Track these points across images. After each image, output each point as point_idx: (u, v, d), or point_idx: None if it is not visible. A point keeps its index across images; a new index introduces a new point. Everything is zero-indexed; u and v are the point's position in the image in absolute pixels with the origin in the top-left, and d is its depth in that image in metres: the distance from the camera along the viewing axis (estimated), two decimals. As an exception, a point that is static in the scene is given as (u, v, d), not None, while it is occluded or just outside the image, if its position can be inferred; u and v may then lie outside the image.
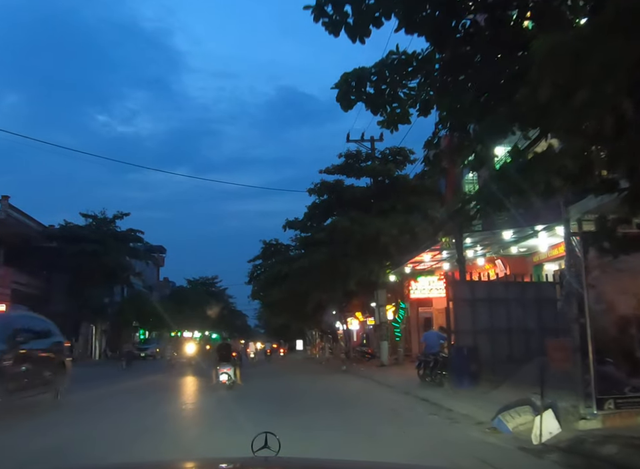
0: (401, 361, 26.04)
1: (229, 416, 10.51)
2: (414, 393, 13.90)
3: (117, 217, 41.05)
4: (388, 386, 16.42)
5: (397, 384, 16.60)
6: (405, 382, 16.98)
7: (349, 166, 26.49)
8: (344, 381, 19.55)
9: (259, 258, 36.22)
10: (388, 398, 13.67)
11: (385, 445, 7.34)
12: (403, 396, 13.93)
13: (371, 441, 7.53)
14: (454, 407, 10.82)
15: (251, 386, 17.37)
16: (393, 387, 15.99)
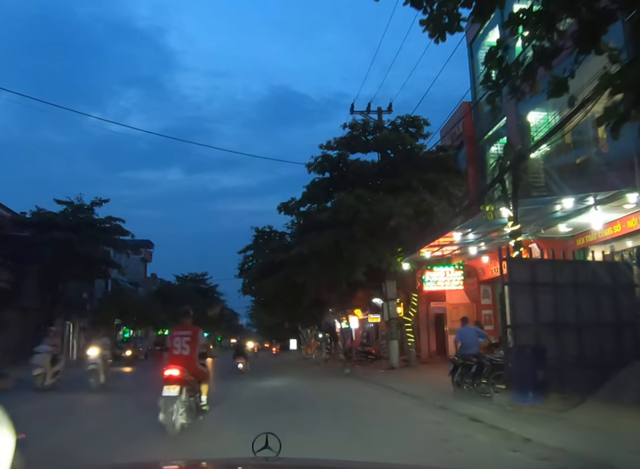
0: (413, 363, 22.60)
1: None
2: (454, 408, 10.46)
3: (95, 204, 37.27)
4: (413, 397, 12.95)
5: (424, 393, 13.15)
6: (431, 391, 13.56)
7: (354, 139, 23.00)
8: (353, 389, 16.07)
9: (250, 248, 32.65)
10: (423, 416, 10.18)
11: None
12: (441, 412, 10.46)
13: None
14: (532, 435, 7.37)
15: (242, 394, 13.91)
16: (421, 398, 12.51)
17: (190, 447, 7.16)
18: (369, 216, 19.51)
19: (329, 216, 20.25)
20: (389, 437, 7.93)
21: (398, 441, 7.54)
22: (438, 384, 15.63)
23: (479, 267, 23.95)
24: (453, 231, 15.00)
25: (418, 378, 18.14)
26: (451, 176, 21.36)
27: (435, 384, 15.67)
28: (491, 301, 24.35)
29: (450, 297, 26.85)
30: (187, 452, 6.72)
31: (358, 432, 8.27)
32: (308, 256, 21.03)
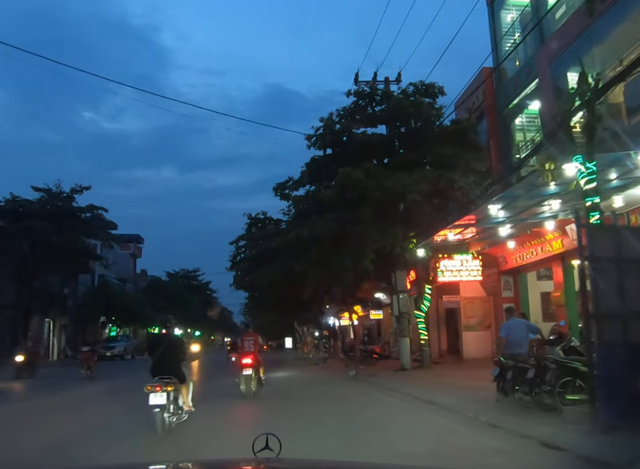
0: (427, 364, 19.88)
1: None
2: (512, 427, 7.74)
3: (75, 191, 34.41)
4: (446, 409, 10.22)
5: (458, 404, 10.44)
6: (466, 400, 10.88)
7: (360, 111, 20.25)
8: (365, 397, 13.26)
9: (243, 238, 29.86)
10: (475, 440, 7.45)
11: None
12: (495, 433, 7.72)
13: None
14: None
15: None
16: (458, 412, 9.77)
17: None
18: (379, 194, 16.78)
19: (333, 195, 17.51)
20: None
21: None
22: (467, 390, 13.00)
23: (500, 255, 21.27)
24: (488, 204, 12.24)
25: (438, 382, 15.43)
26: (471, 150, 18.64)
27: (464, 390, 13.01)
28: (512, 293, 21.67)
29: (464, 290, 24.20)
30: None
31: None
32: (308, 241, 18.29)
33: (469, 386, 13.70)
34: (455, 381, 15.25)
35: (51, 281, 37.96)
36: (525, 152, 18.11)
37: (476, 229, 16.87)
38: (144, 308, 50.19)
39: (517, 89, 18.58)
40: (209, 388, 12.53)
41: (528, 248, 18.96)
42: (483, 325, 24.23)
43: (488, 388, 12.80)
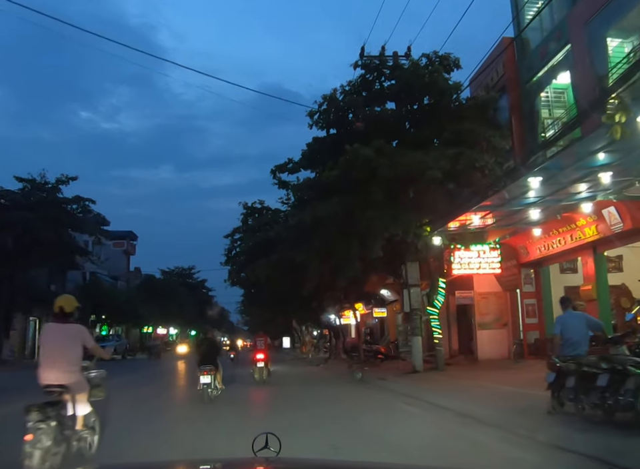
0: (441, 366, 17.95)
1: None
2: (590, 451, 5.80)
3: (60, 182, 32.33)
4: (485, 424, 8.26)
5: (500, 417, 8.49)
6: (507, 411, 8.93)
7: (368, 85, 18.28)
8: (380, 407, 11.17)
9: (238, 230, 27.89)
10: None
11: None
12: (573, 459, 5.79)
13: None
14: None
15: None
16: (503, 428, 7.80)
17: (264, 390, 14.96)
18: (392, 174, 14.84)
19: (339, 176, 15.54)
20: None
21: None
22: (500, 396, 11.09)
23: (521, 245, 19.32)
24: (527, 177, 10.27)
25: (459, 386, 13.50)
26: (491, 127, 16.71)
27: (496, 396, 11.10)
28: (534, 288, 19.72)
29: (478, 284, 22.25)
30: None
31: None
32: (310, 228, 16.35)
33: (500, 392, 11.79)
34: (479, 385, 13.35)
35: (37, 277, 35.94)
36: (552, 130, 16.22)
37: (498, 214, 14.92)
38: (136, 306, 48.14)
39: (543, 59, 16.65)
40: (226, 377, 13.48)
41: (554, 237, 17.03)
42: (498, 323, 22.30)
43: (524, 395, 10.93)
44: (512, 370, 17.23)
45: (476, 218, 13.56)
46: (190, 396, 12.58)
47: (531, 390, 11.66)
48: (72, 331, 6.05)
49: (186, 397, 13.38)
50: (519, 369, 17.36)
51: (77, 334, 6.06)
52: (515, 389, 12.20)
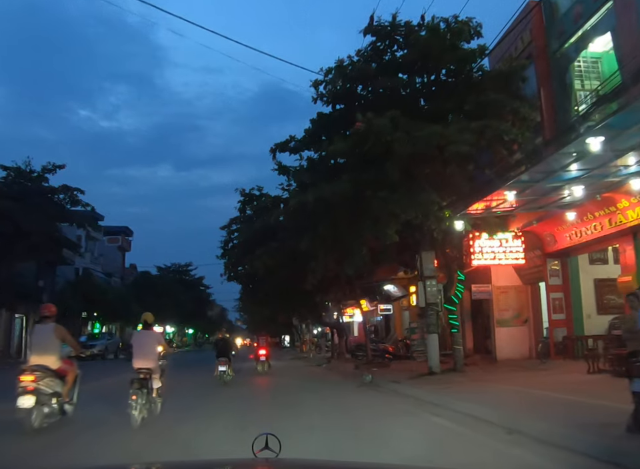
0: (460, 366, 16.08)
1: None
2: None
3: (47, 170, 30.46)
4: (548, 444, 6.38)
5: (564, 435, 6.59)
6: (568, 426, 7.03)
7: (379, 55, 16.36)
8: (404, 419, 9.16)
9: (235, 221, 25.97)
10: None
11: None
12: None
13: None
14: None
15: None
16: (576, 452, 5.93)
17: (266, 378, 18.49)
18: (410, 148, 12.94)
19: (348, 151, 13.63)
20: None
21: None
22: (545, 404, 9.19)
23: (547, 233, 17.48)
24: (586, 137, 8.39)
25: (489, 391, 11.62)
26: (518, 98, 14.82)
27: (541, 405, 9.20)
28: (561, 281, 17.87)
29: (497, 278, 20.44)
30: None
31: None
32: (315, 212, 14.45)
33: (541, 399, 9.91)
34: (512, 390, 11.49)
35: (24, 272, 34.05)
36: (587, 102, 14.35)
37: (529, 194, 13.01)
38: (129, 303, 46.22)
39: (578, 22, 14.76)
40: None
41: (589, 222, 15.18)
42: (518, 319, 20.48)
43: (574, 404, 9.06)
44: (540, 372, 15.39)
45: (510, 194, 11.62)
46: (210, 380, 16.03)
47: (577, 396, 9.83)
48: (153, 335, 9.43)
49: (207, 381, 16.24)
50: (548, 370, 15.54)
51: (155, 337, 9.33)
52: (556, 395, 10.34)
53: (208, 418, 9.19)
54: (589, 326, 17.09)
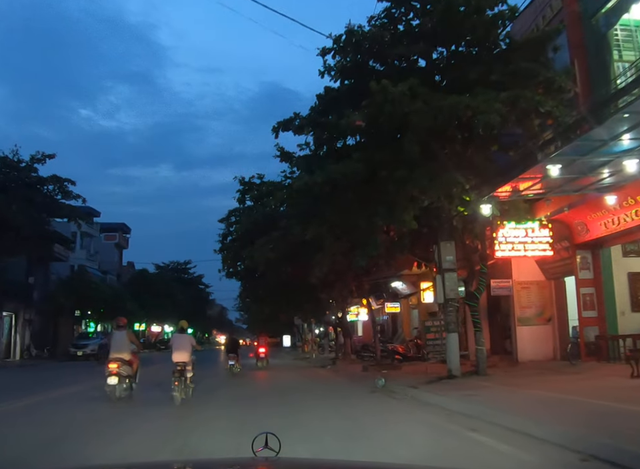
0: (483, 370, 14.44)
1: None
2: None
3: (36, 160, 28.80)
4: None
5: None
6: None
7: (393, 24, 14.68)
8: (439, 437, 7.38)
9: (234, 213, 24.33)
10: None
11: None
12: None
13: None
14: None
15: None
16: None
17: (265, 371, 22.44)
18: (431, 121, 11.30)
19: (361, 121, 11.96)
20: None
21: None
22: (598, 417, 7.54)
23: (578, 222, 15.82)
24: None
25: (526, 399, 9.98)
26: (551, 68, 13.17)
27: (594, 417, 7.55)
28: (592, 275, 16.22)
29: (518, 272, 18.80)
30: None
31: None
32: (323, 196, 12.81)
33: (593, 409, 8.25)
34: (553, 398, 9.84)
35: (13, 268, 32.43)
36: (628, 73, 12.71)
37: (567, 174, 11.36)
38: (125, 301, 44.59)
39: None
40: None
41: (629, 208, 13.52)
42: (541, 318, 18.82)
43: (636, 416, 7.43)
44: (573, 376, 13.74)
45: (554, 169, 9.93)
46: (222, 372, 20.34)
47: (636, 405, 8.23)
48: (187, 337, 12.63)
49: (219, 372, 20.83)
50: (581, 373, 13.89)
51: (189, 339, 12.50)
52: (608, 404, 8.69)
53: (228, 399, 12.66)
54: (623, 324, 15.46)
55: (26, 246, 28.57)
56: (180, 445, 6.86)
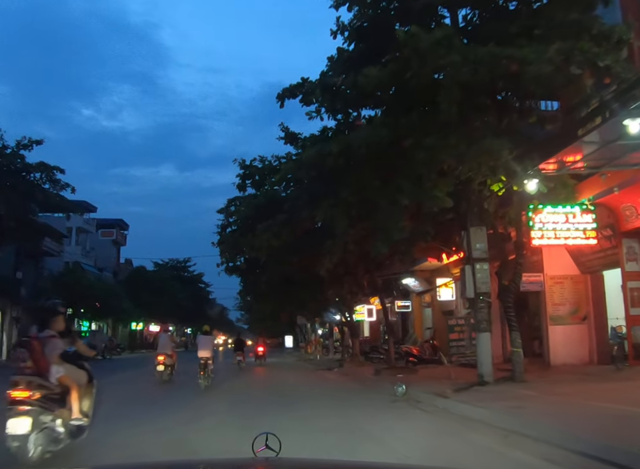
0: (520, 375, 12.46)
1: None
2: None
3: (22, 146, 26.83)
4: None
5: None
6: None
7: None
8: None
9: (233, 202, 22.33)
10: None
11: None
12: None
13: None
14: None
15: None
16: None
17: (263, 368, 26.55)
18: (469, 75, 9.34)
19: (384, 78, 9.98)
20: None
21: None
22: None
23: (626, 205, 13.83)
24: None
25: (591, 413, 7.99)
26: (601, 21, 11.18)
27: None
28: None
29: (549, 265, 16.83)
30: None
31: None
32: (337, 170, 10.83)
33: None
34: (629, 412, 7.85)
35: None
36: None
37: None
38: (120, 299, 42.63)
39: None
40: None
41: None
42: (575, 316, 16.83)
43: None
44: (625, 382, 11.80)
45: (634, 124, 7.91)
46: (230, 367, 22.81)
47: None
48: (210, 338, 16.20)
49: (228, 367, 22.76)
50: (633, 379, 11.98)
51: (211, 339, 16.28)
52: None
53: (242, 387, 16.03)
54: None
55: (12, 239, 26.58)
56: (208, 412, 10.14)
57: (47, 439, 5.61)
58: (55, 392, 5.84)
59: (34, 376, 5.71)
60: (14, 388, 5.57)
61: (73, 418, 5.96)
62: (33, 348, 5.90)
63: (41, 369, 5.84)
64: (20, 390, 5.54)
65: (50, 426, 5.71)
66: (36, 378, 5.71)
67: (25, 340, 6.31)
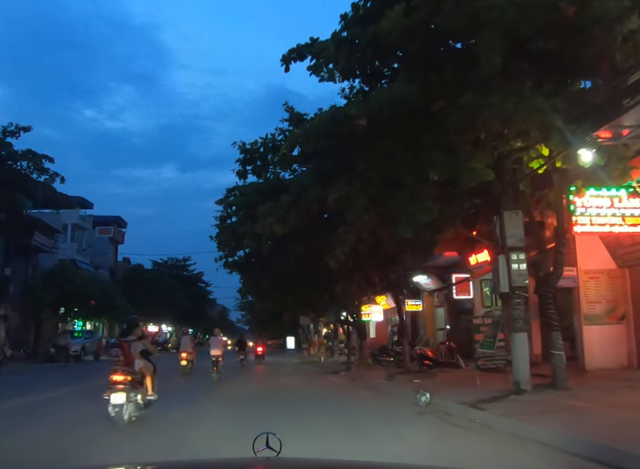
0: (562, 382, 10.73)
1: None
2: None
3: (9, 132, 25.18)
4: None
5: None
6: None
7: None
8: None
9: (232, 192, 20.59)
10: None
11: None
12: None
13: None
14: None
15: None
16: None
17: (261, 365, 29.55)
18: (516, 18, 7.64)
19: (413, 21, 8.25)
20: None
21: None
22: None
23: None
24: None
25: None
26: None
27: None
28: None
29: (583, 258, 15.10)
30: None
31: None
32: (353, 139, 9.10)
33: None
34: None
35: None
36: None
37: None
38: (114, 298, 40.87)
39: None
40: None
41: None
42: (613, 315, 15.09)
43: None
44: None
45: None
46: (233, 366, 24.34)
47: None
48: (220, 339, 19.85)
49: (232, 366, 23.87)
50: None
51: (221, 341, 20.11)
52: None
53: (248, 381, 19.26)
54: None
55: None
56: (219, 395, 13.64)
57: (133, 408, 8.45)
58: (137, 377, 8.62)
59: (125, 366, 8.45)
60: (114, 373, 8.28)
61: (148, 394, 8.90)
62: (123, 347, 8.70)
63: (129, 362, 8.59)
64: (118, 374, 8.27)
65: (135, 399, 8.48)
66: (126, 367, 8.45)
67: (117, 343, 9.09)
